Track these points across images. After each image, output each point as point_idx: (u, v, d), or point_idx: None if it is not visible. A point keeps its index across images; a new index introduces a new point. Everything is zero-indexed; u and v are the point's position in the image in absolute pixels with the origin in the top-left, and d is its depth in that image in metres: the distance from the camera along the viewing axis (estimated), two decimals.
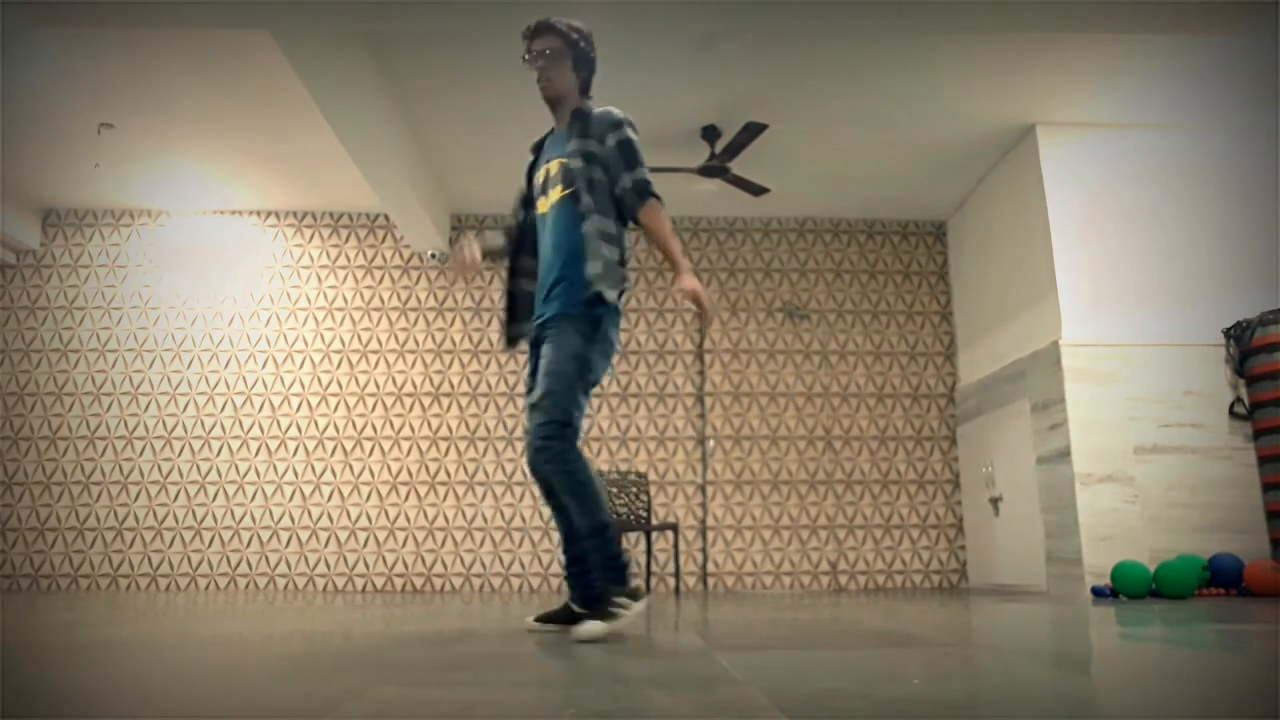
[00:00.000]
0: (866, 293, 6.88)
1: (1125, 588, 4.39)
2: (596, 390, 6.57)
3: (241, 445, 6.42)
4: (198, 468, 6.37)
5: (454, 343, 6.65)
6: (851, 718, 1.14)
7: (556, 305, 2.43)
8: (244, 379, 6.53)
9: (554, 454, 2.27)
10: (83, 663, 1.80)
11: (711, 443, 6.54)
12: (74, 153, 5.80)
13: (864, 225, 7.00)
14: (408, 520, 6.35)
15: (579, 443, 2.33)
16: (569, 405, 2.29)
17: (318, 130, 5.41)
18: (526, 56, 2.59)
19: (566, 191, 2.50)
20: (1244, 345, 4.99)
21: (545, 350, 2.39)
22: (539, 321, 2.49)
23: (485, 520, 6.37)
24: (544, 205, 2.57)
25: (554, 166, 2.57)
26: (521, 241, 2.70)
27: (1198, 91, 5.12)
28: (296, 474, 6.39)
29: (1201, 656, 1.86)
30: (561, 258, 2.46)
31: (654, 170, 5.67)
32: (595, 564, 2.34)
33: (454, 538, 6.34)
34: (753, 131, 5.20)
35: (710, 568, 6.35)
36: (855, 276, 6.91)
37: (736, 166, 5.76)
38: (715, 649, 2.01)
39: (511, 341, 2.66)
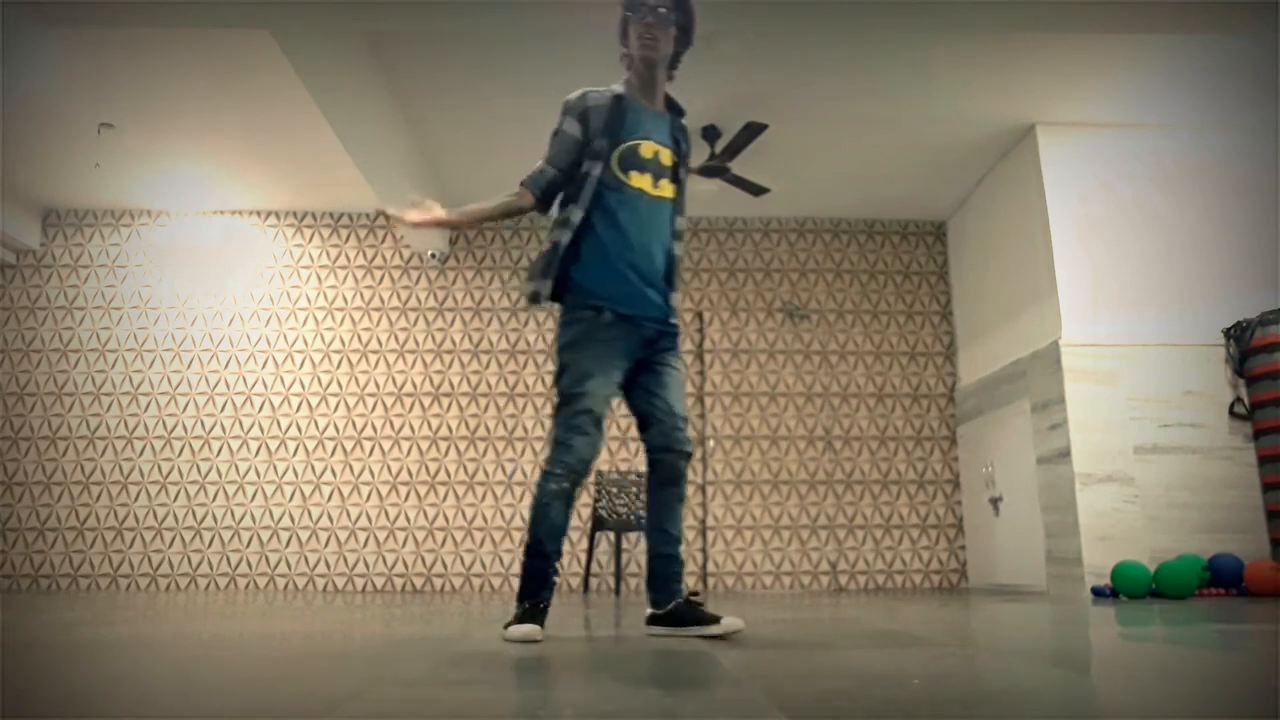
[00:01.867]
0: (866, 293, 6.88)
1: (1125, 588, 4.39)
2: None
3: (241, 445, 6.42)
4: (198, 468, 6.37)
5: (454, 343, 6.65)
6: (851, 718, 1.14)
7: (675, 321, 2.47)
8: (244, 379, 6.53)
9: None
10: (83, 663, 1.80)
11: (711, 443, 6.54)
12: (74, 153, 5.80)
13: (864, 225, 7.00)
14: (408, 520, 6.35)
15: None
16: None
17: (318, 130, 5.41)
18: (637, 9, 2.42)
19: (672, 196, 2.46)
20: (1244, 345, 4.99)
21: (677, 365, 2.45)
22: (661, 327, 2.41)
23: (485, 520, 6.37)
24: (647, 183, 2.40)
25: (665, 155, 2.45)
26: (550, 197, 2.45)
27: (1198, 91, 5.12)
28: (296, 474, 6.39)
29: (1201, 656, 1.86)
30: (665, 263, 2.45)
31: None
32: (680, 570, 2.42)
33: (454, 538, 6.34)
34: (753, 131, 5.20)
35: (710, 568, 6.35)
36: (855, 276, 6.91)
37: (736, 166, 5.76)
38: (715, 649, 2.01)
39: (535, 299, 2.37)
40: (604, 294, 2.32)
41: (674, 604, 2.36)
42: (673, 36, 2.47)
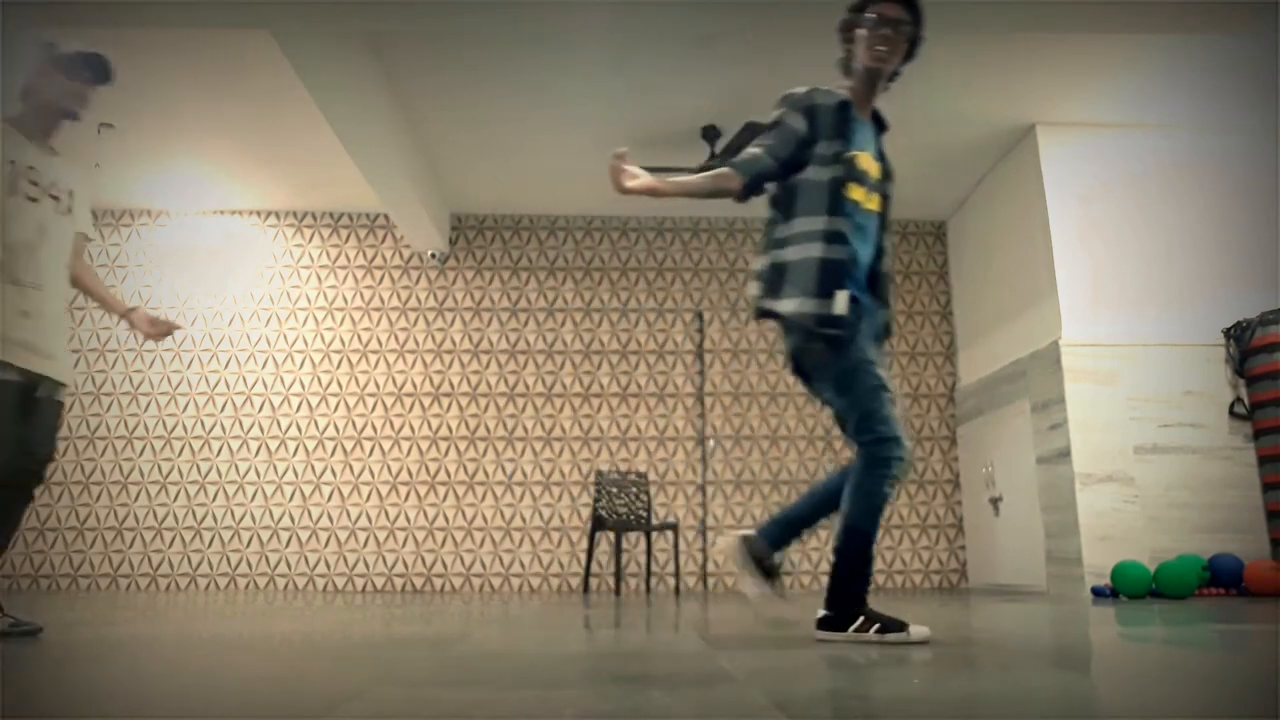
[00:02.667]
0: None
1: (1125, 588, 4.39)
2: (597, 390, 6.59)
3: (241, 445, 6.42)
4: (198, 468, 6.37)
5: (454, 343, 6.65)
6: (851, 718, 1.14)
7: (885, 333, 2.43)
8: (244, 379, 6.53)
9: None
10: (83, 663, 1.80)
11: (711, 443, 6.54)
12: (74, 153, 5.80)
13: None
14: (408, 520, 6.35)
15: None
16: None
17: (318, 130, 5.41)
18: (870, 16, 2.33)
19: (881, 210, 2.39)
20: (1244, 345, 4.99)
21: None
22: (882, 325, 2.40)
23: (485, 520, 6.37)
24: (862, 196, 2.33)
25: (875, 169, 2.39)
26: (757, 187, 2.33)
27: (1198, 91, 5.12)
28: (296, 474, 6.39)
29: (1201, 656, 1.86)
30: (869, 271, 2.37)
31: (654, 170, 5.70)
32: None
33: (454, 538, 6.34)
34: (753, 131, 5.19)
35: (710, 568, 6.35)
36: None
37: None
38: (715, 649, 2.00)
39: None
40: (853, 290, 2.25)
41: (778, 581, 2.34)
42: (902, 52, 2.39)
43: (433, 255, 6.75)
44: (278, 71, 4.78)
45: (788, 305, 2.23)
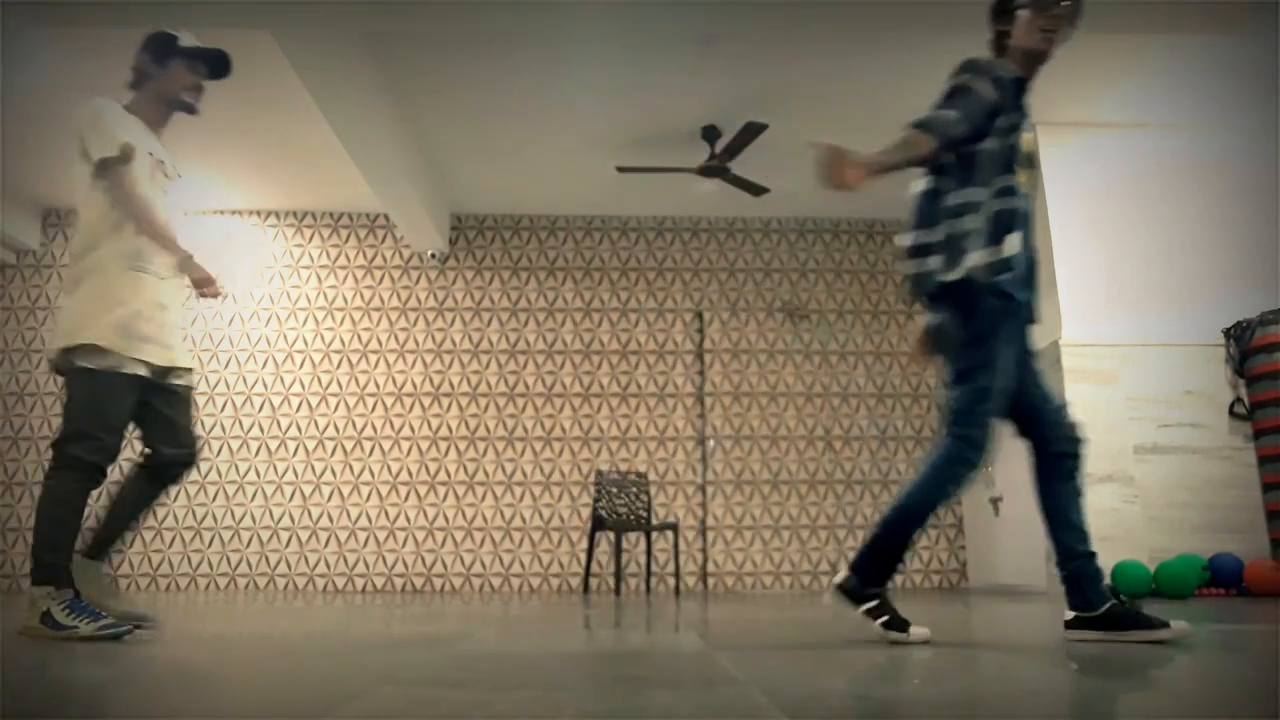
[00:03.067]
0: (866, 293, 6.88)
1: (1125, 587, 4.39)
2: (597, 390, 6.59)
3: (241, 445, 6.42)
4: (198, 468, 6.36)
5: (454, 343, 6.65)
6: (851, 718, 1.14)
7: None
8: (244, 379, 6.53)
9: None
10: (83, 663, 1.80)
11: (711, 443, 6.54)
12: (74, 153, 5.79)
13: (864, 225, 6.99)
14: (408, 520, 6.35)
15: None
16: None
17: (318, 130, 5.40)
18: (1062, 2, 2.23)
19: (1030, 195, 2.28)
20: (1244, 345, 4.99)
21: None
22: (1030, 322, 2.30)
23: (485, 520, 6.37)
24: (1025, 177, 2.25)
25: (1030, 146, 2.29)
26: (946, 151, 2.24)
27: (1198, 91, 5.12)
28: (296, 474, 6.39)
29: (1201, 656, 1.86)
30: (1028, 264, 2.24)
31: (654, 171, 5.71)
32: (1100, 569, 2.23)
33: (454, 538, 6.34)
34: (753, 131, 5.20)
35: (710, 568, 6.35)
36: (855, 276, 6.91)
37: (736, 166, 5.75)
38: (715, 649, 2.01)
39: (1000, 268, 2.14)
40: (1013, 282, 2.16)
41: (1109, 606, 2.16)
42: (1068, 32, 2.27)
43: (433, 255, 6.75)
44: (278, 71, 4.77)
45: (963, 267, 2.14)
